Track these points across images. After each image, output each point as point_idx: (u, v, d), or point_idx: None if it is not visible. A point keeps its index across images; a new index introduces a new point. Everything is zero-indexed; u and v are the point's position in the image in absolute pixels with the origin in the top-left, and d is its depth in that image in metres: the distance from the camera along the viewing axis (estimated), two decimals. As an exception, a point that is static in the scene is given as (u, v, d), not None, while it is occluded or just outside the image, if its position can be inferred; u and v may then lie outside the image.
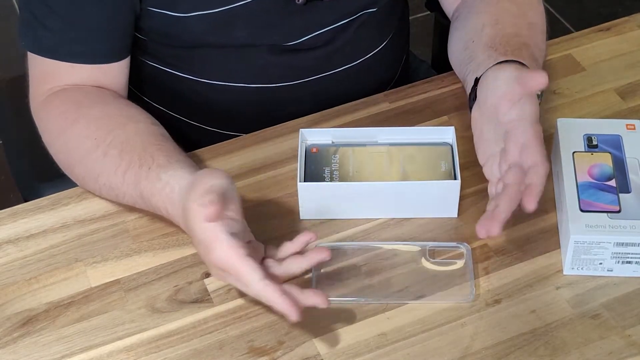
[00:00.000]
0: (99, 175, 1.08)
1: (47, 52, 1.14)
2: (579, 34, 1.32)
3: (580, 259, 1.00)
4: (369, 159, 1.10)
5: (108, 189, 1.08)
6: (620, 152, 1.06)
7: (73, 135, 1.10)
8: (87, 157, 1.09)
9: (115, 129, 1.09)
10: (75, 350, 0.97)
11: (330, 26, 1.22)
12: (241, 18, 1.16)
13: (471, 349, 0.96)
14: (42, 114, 1.15)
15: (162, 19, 1.15)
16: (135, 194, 1.05)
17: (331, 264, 1.03)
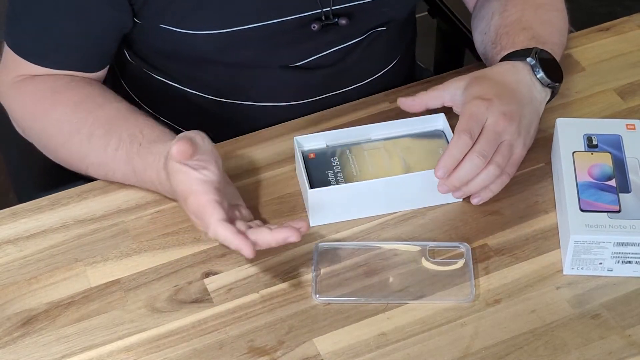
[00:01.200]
0: (86, 156, 1.11)
1: (23, 53, 1.15)
2: (578, 34, 1.32)
3: (580, 259, 1.00)
4: (368, 156, 1.10)
5: (96, 167, 1.11)
6: (620, 152, 1.06)
7: (52, 121, 1.12)
8: (70, 141, 1.11)
9: (95, 110, 1.11)
10: (75, 350, 0.97)
11: (340, 46, 1.22)
12: (250, 39, 1.16)
13: (471, 349, 0.96)
14: (11, 99, 1.17)
15: (169, 35, 1.15)
16: (127, 170, 1.08)
17: (331, 264, 1.03)
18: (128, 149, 1.07)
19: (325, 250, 1.05)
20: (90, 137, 1.10)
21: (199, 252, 1.06)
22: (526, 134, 1.08)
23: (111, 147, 1.08)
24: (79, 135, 1.10)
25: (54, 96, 1.14)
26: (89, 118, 1.10)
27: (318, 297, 1.00)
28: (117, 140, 1.08)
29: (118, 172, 1.10)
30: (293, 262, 1.04)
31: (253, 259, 1.04)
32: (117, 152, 1.08)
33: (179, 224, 1.09)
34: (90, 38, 1.15)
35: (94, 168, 1.11)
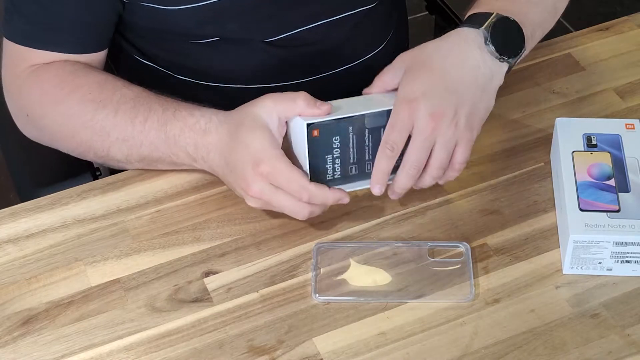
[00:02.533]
0: (111, 131, 1.09)
1: (23, 39, 1.14)
2: (578, 33, 1.32)
3: (579, 259, 1.00)
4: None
5: (120, 143, 1.09)
6: (620, 151, 1.07)
7: (74, 102, 1.11)
8: (94, 119, 1.09)
9: (121, 89, 1.11)
10: (75, 350, 0.98)
11: (324, 20, 1.21)
12: (231, 11, 1.16)
13: (471, 348, 0.96)
14: (28, 88, 1.15)
15: (151, 13, 1.15)
16: (157, 139, 1.07)
17: (331, 264, 1.03)
18: (160, 116, 1.07)
19: (325, 250, 1.05)
20: (117, 112, 1.08)
21: (199, 251, 1.06)
22: (469, 120, 1.02)
23: (139, 119, 1.07)
24: (104, 111, 1.09)
25: (75, 80, 1.13)
26: (114, 95, 1.09)
27: (318, 297, 1.00)
28: (147, 110, 1.07)
29: (145, 144, 1.08)
30: (293, 261, 1.04)
31: (253, 258, 1.04)
32: (146, 122, 1.07)
33: (179, 223, 1.09)
34: (90, 16, 1.14)
35: (117, 145, 1.09)
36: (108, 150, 1.11)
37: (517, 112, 1.21)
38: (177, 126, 1.06)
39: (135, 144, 1.09)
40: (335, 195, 1.01)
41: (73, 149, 1.15)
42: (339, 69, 1.27)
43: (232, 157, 1.02)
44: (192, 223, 1.09)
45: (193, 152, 1.06)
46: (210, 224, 1.09)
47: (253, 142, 1.00)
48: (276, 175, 0.99)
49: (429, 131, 0.99)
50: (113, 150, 1.10)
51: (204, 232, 1.08)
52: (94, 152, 1.12)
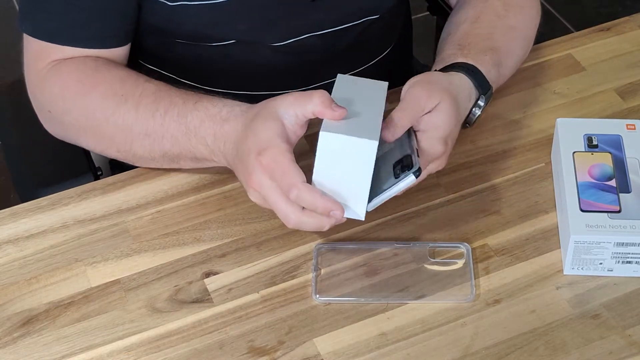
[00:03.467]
0: (133, 125, 1.08)
1: (47, 36, 1.14)
2: (579, 34, 1.32)
3: (580, 259, 1.00)
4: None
5: (143, 137, 1.08)
6: (621, 152, 1.06)
7: (96, 96, 1.10)
8: (115, 113, 1.09)
9: (143, 84, 1.10)
10: (75, 350, 0.97)
11: (331, 29, 1.22)
12: (243, 11, 1.16)
13: (471, 349, 0.96)
14: (50, 83, 1.14)
15: (161, 10, 1.15)
16: (178, 131, 1.06)
17: (331, 264, 1.03)
18: (180, 108, 1.06)
19: (325, 250, 1.05)
20: (138, 106, 1.08)
21: (199, 252, 1.06)
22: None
23: (160, 112, 1.07)
24: (126, 106, 1.08)
25: (97, 74, 1.12)
26: (136, 90, 1.09)
27: (318, 297, 1.00)
28: (168, 103, 1.07)
29: (166, 137, 1.07)
30: (293, 262, 1.04)
31: (253, 259, 1.04)
32: (167, 115, 1.06)
33: (179, 224, 1.09)
34: (114, 9, 1.14)
35: (139, 141, 1.09)
36: (131, 145, 1.10)
37: (518, 113, 1.21)
38: (198, 117, 1.05)
39: (157, 137, 1.08)
40: (327, 205, 0.95)
41: (96, 145, 1.14)
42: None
43: (242, 146, 1.01)
44: (193, 224, 1.09)
45: (212, 143, 1.05)
46: (211, 224, 1.09)
47: (262, 132, 0.98)
48: (274, 168, 0.96)
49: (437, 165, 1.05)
50: (135, 145, 1.10)
51: (205, 232, 1.08)
52: (117, 148, 1.12)
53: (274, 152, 0.96)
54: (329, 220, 0.96)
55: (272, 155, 0.96)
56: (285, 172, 0.95)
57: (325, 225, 0.97)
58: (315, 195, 0.95)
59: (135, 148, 1.10)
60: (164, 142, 1.08)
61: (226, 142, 1.04)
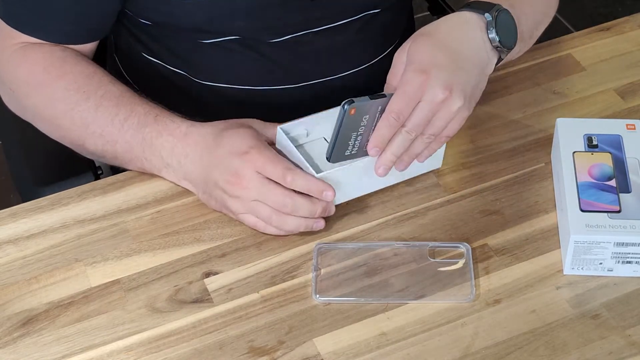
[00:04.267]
0: (89, 125, 1.11)
1: (13, 22, 1.15)
2: (579, 33, 1.32)
3: (580, 259, 1.00)
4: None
5: (97, 137, 1.11)
6: (621, 152, 1.06)
7: (59, 88, 1.12)
8: (75, 109, 1.11)
9: (107, 84, 1.12)
10: (75, 350, 0.97)
11: (330, 24, 1.22)
12: (241, 9, 1.16)
13: (471, 349, 0.96)
14: (15, 65, 1.16)
15: (160, 5, 1.15)
16: (134, 139, 1.09)
17: (331, 264, 1.03)
18: (141, 118, 1.09)
19: (325, 250, 1.05)
20: (98, 107, 1.10)
21: (199, 252, 1.06)
22: (470, 100, 1.04)
23: (119, 118, 1.09)
24: (87, 104, 1.11)
25: (64, 66, 1.14)
26: (99, 90, 1.11)
27: (318, 297, 1.00)
28: (129, 110, 1.09)
29: (120, 142, 1.10)
30: (293, 262, 1.04)
31: (253, 259, 1.04)
32: (126, 122, 1.09)
33: (179, 224, 1.09)
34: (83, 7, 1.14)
35: (93, 139, 1.11)
36: (84, 142, 1.13)
37: (518, 113, 1.21)
38: (156, 129, 1.08)
39: (111, 140, 1.10)
40: (319, 186, 1.02)
41: (51, 132, 1.17)
42: (343, 74, 1.27)
43: (215, 153, 1.04)
44: (192, 224, 1.09)
45: (167, 156, 1.08)
46: (211, 224, 1.09)
47: (241, 136, 1.04)
48: (263, 161, 1.02)
49: (438, 102, 1.01)
50: (88, 142, 1.12)
51: (204, 232, 1.08)
52: (70, 140, 1.15)
53: (259, 149, 1.02)
54: (320, 203, 1.03)
55: (259, 151, 1.02)
56: (275, 161, 1.02)
57: (318, 209, 1.03)
58: (308, 177, 1.02)
59: (88, 144, 1.13)
60: (117, 147, 1.11)
61: (188, 155, 1.07)
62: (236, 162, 1.03)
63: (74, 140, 1.14)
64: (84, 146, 1.14)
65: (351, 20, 1.23)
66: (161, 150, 1.08)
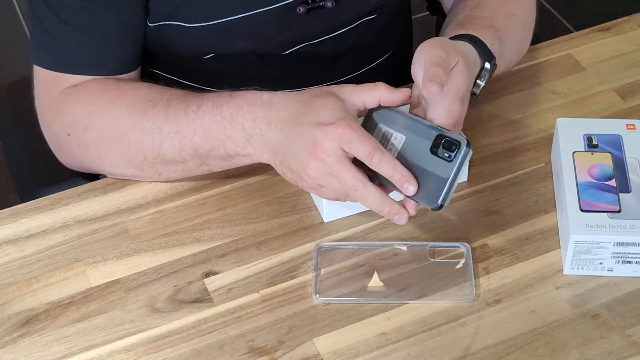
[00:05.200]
0: (162, 125, 1.06)
1: (61, 66, 1.12)
2: (579, 33, 1.32)
3: (580, 259, 1.00)
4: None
5: (173, 136, 1.05)
6: (621, 152, 1.06)
7: (122, 104, 1.08)
8: (144, 117, 1.07)
9: (169, 89, 1.09)
10: (75, 350, 0.97)
11: (329, 35, 1.22)
12: (239, 30, 1.16)
13: (471, 349, 0.96)
14: (68, 105, 1.11)
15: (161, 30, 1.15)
16: (212, 122, 1.03)
17: (331, 264, 1.03)
18: (215, 100, 1.04)
19: (325, 250, 1.05)
20: (168, 107, 1.06)
21: (199, 252, 1.06)
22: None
23: (192, 108, 1.05)
24: (155, 108, 1.06)
25: (120, 85, 1.11)
26: (164, 95, 1.08)
27: (318, 297, 1.00)
28: (200, 99, 1.05)
29: (198, 131, 1.04)
30: (293, 262, 1.04)
31: (253, 259, 1.04)
32: (200, 109, 1.04)
33: (179, 224, 1.09)
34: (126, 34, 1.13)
35: (169, 140, 1.05)
36: (159, 148, 1.07)
37: (518, 113, 1.21)
38: (235, 105, 1.03)
39: (189, 134, 1.05)
40: (404, 175, 0.96)
41: (120, 157, 1.10)
42: (344, 78, 1.27)
43: (300, 121, 0.98)
44: (192, 224, 1.09)
45: (250, 127, 1.02)
46: (211, 224, 1.09)
47: (329, 106, 0.97)
48: (351, 135, 0.95)
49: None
50: (165, 146, 1.06)
51: (204, 232, 1.08)
52: (144, 155, 1.08)
53: (348, 121, 0.96)
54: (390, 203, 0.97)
55: (348, 124, 0.96)
56: (364, 138, 0.95)
57: (386, 207, 0.97)
58: (395, 162, 0.96)
59: (165, 149, 1.07)
60: (195, 138, 1.05)
61: (272, 122, 1.01)
62: (320, 132, 0.96)
63: (148, 152, 1.07)
64: (160, 154, 1.07)
65: (349, 29, 1.23)
66: (243, 122, 1.02)
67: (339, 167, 0.96)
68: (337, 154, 0.96)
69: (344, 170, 0.96)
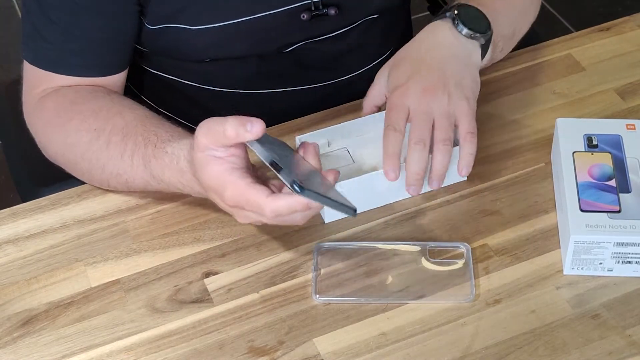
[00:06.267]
0: (105, 165, 1.07)
1: (46, 64, 1.13)
2: (579, 34, 1.32)
3: (580, 259, 1.00)
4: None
5: (116, 176, 1.07)
6: (621, 152, 1.06)
7: (71, 131, 1.10)
8: (89, 150, 1.08)
9: (113, 117, 1.08)
10: (75, 350, 0.97)
11: (328, 34, 1.22)
12: (243, 33, 1.16)
13: (471, 349, 0.96)
14: (35, 118, 1.15)
15: (162, 33, 1.15)
16: (146, 176, 1.04)
17: (331, 264, 1.03)
18: (143, 152, 1.04)
19: (325, 250, 1.05)
20: (108, 145, 1.07)
21: (199, 252, 1.06)
22: (460, 91, 1.06)
23: (127, 154, 1.05)
24: (98, 143, 1.07)
25: (73, 107, 1.11)
26: (107, 126, 1.08)
27: (318, 297, 1.00)
28: (133, 144, 1.05)
29: (137, 180, 1.06)
30: (293, 262, 1.04)
31: (253, 259, 1.04)
32: (134, 158, 1.05)
33: (179, 224, 1.09)
34: (113, 34, 1.13)
35: (114, 179, 1.08)
36: (108, 183, 1.10)
37: (518, 113, 1.21)
38: (158, 166, 1.03)
39: (129, 178, 1.07)
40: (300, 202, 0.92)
41: (79, 177, 1.13)
42: (340, 79, 1.27)
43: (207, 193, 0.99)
44: (192, 224, 1.09)
45: (182, 187, 1.03)
46: (211, 224, 1.09)
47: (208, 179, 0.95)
48: (239, 201, 0.94)
49: (425, 105, 1.04)
50: (112, 183, 1.09)
51: (204, 232, 1.08)
52: (98, 183, 1.11)
53: (230, 189, 0.94)
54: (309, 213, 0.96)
55: (231, 192, 0.94)
56: (248, 199, 0.93)
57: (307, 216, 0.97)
58: (287, 199, 0.92)
59: (113, 185, 1.09)
60: (137, 182, 1.07)
61: (194, 186, 1.01)
62: (221, 203, 0.97)
63: (99, 182, 1.11)
64: (110, 187, 1.10)
65: (352, 27, 1.23)
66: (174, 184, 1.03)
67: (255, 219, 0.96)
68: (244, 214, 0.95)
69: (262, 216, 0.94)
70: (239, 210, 0.95)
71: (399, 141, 1.03)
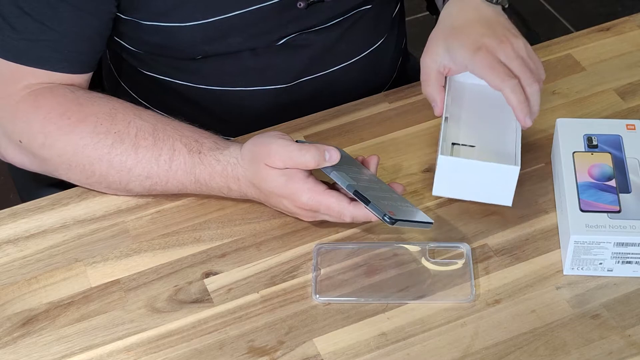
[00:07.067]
0: (133, 168, 1.07)
1: (16, 57, 1.10)
2: (579, 34, 1.32)
3: (580, 259, 1.00)
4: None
5: (143, 179, 1.08)
6: (621, 152, 1.06)
7: (85, 132, 1.07)
8: (112, 152, 1.07)
9: (134, 120, 1.08)
10: (75, 350, 0.97)
11: (321, 25, 1.22)
12: (237, 27, 1.16)
13: (471, 349, 0.96)
14: (25, 115, 1.10)
15: (156, 31, 1.15)
16: (186, 180, 1.07)
17: (331, 264, 1.03)
18: (186, 158, 1.06)
19: (325, 250, 1.05)
20: (137, 149, 1.06)
21: (199, 252, 1.06)
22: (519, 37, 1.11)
23: (164, 158, 1.06)
24: (123, 146, 1.07)
25: (82, 108, 1.09)
26: (129, 128, 1.07)
27: (318, 297, 1.00)
28: (170, 149, 1.06)
29: (172, 182, 1.07)
30: (293, 262, 1.04)
31: (253, 259, 1.04)
32: (172, 162, 1.06)
33: (179, 224, 1.09)
34: (87, 33, 1.12)
35: (139, 181, 1.08)
36: (126, 184, 1.09)
37: (518, 113, 1.20)
38: (206, 172, 1.06)
39: (161, 181, 1.08)
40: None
41: (81, 180, 1.11)
42: (336, 67, 1.27)
43: (265, 192, 1.04)
44: (192, 224, 1.09)
45: (227, 192, 1.07)
46: (210, 224, 1.09)
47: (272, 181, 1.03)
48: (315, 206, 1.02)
49: (512, 52, 1.08)
50: (132, 184, 1.09)
51: (204, 232, 1.08)
52: (107, 185, 1.10)
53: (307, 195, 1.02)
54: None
55: (308, 197, 1.02)
56: (328, 206, 1.02)
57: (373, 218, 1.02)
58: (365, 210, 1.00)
59: (132, 186, 1.09)
60: (169, 185, 1.08)
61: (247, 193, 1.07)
62: (292, 208, 1.04)
63: (112, 184, 1.09)
64: (125, 188, 1.09)
65: (344, 18, 1.23)
66: (220, 188, 1.07)
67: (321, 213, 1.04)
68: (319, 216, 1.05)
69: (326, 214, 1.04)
70: (312, 213, 1.04)
71: (519, 86, 1.05)
